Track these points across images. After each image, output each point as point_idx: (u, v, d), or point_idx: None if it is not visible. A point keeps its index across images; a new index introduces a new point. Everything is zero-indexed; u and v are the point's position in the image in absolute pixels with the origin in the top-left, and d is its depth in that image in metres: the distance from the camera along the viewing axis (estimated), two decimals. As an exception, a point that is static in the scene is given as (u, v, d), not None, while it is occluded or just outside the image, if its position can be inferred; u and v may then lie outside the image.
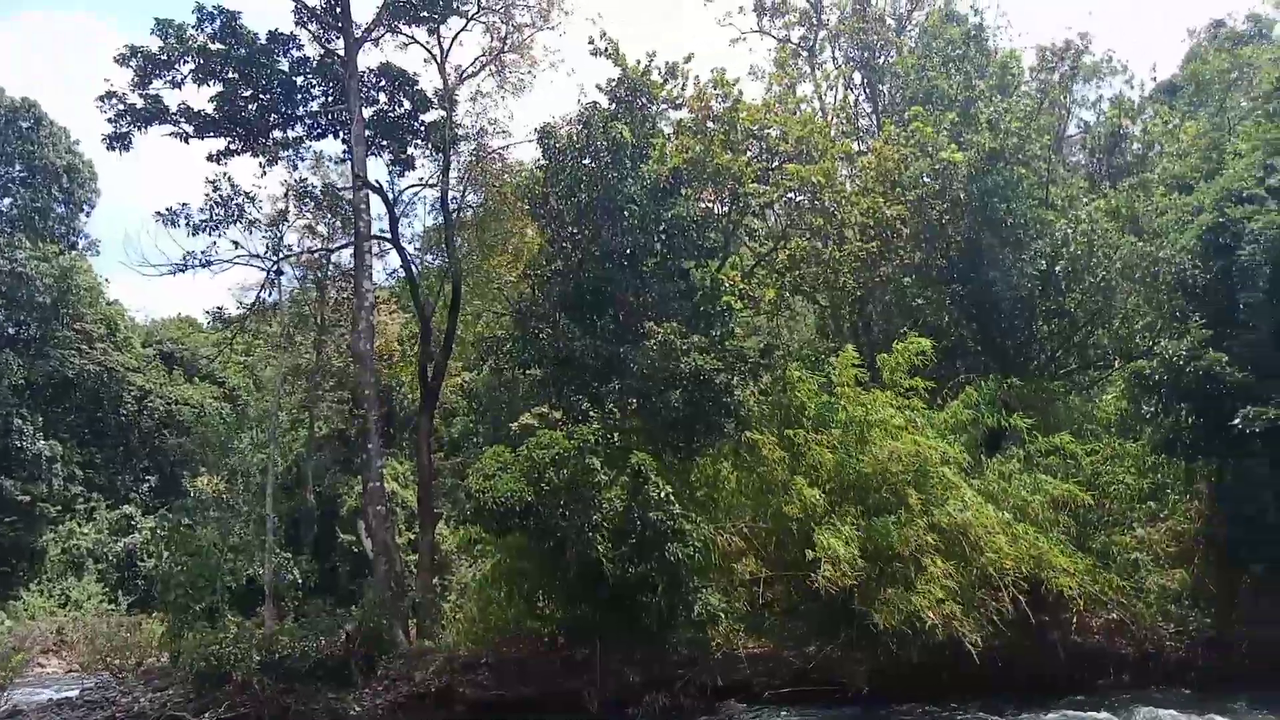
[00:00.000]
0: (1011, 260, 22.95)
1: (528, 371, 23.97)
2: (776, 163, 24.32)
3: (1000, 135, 22.88)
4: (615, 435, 20.40)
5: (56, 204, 51.18)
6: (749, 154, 24.08)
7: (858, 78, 30.91)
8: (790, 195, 24.41)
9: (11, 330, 47.87)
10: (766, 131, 24.47)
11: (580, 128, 23.37)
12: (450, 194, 29.01)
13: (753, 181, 23.19)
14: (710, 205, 24.51)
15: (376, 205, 28.77)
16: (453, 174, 29.25)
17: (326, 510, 41.12)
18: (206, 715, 20.10)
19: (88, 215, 53.03)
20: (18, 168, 50.20)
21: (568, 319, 21.59)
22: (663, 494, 18.13)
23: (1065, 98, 29.28)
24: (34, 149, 49.47)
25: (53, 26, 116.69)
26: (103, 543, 46.78)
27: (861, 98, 31.32)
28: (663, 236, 22.51)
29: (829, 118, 28.43)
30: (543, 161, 23.94)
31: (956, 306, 23.80)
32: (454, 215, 29.26)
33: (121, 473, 51.72)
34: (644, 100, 24.08)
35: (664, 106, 24.92)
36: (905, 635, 16.04)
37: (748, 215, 25.16)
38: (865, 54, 30.41)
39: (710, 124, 24.01)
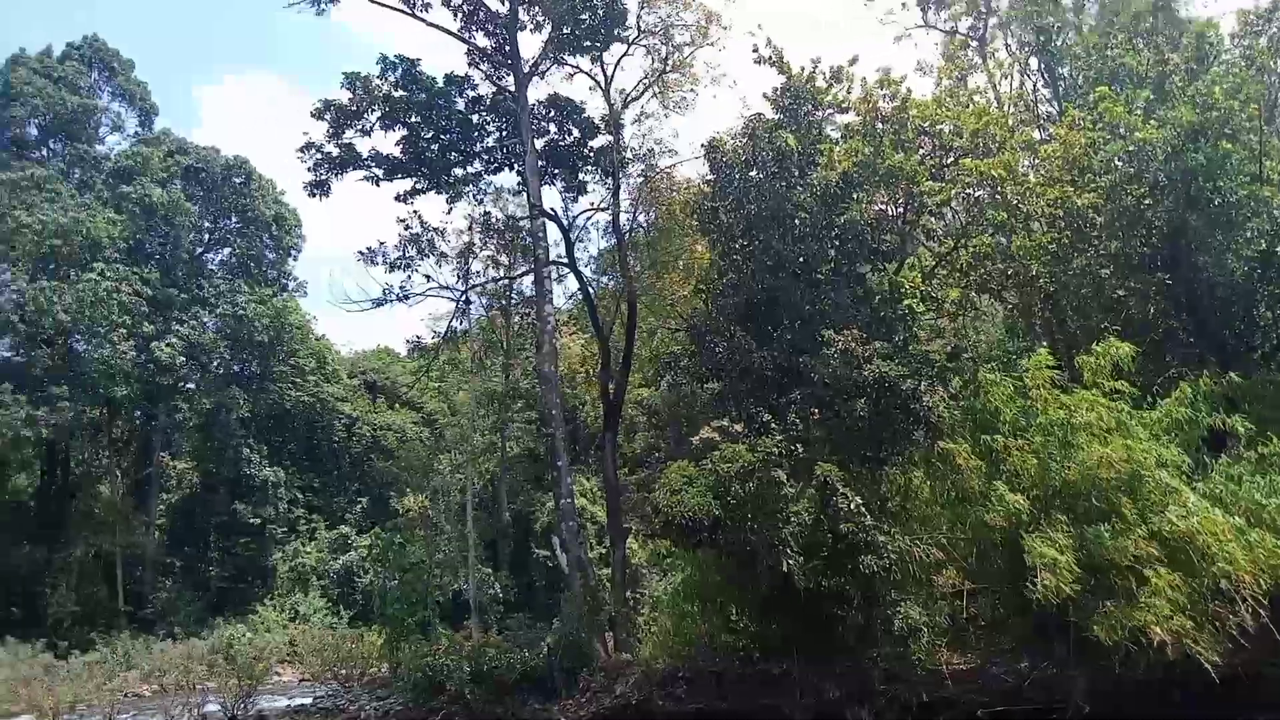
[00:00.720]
0: (1224, 243, 21.08)
1: (705, 385, 24.15)
2: (951, 159, 23.49)
3: (1201, 109, 21.13)
4: (799, 446, 20.23)
5: (268, 251, 55.99)
6: (921, 152, 23.37)
7: (1034, 63, 29.41)
8: (969, 191, 23.50)
9: (236, 368, 52.76)
10: (939, 128, 23.69)
11: (745, 140, 23.44)
12: (621, 215, 29.80)
13: (927, 180, 22.48)
14: (883, 207, 23.96)
15: (553, 232, 29.98)
16: (623, 196, 30.08)
17: (521, 527, 42.87)
18: (424, 723, 21.47)
19: (295, 259, 57.72)
20: (234, 220, 55.36)
21: (743, 331, 21.62)
22: (852, 505, 17.82)
23: (1276, 63, 26.66)
24: (247, 202, 54.37)
25: (250, 86, 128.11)
26: (324, 560, 50.68)
27: (1039, 84, 29.76)
28: (835, 243, 22.21)
29: (1005, 108, 27.20)
30: (710, 176, 24.16)
31: (1163, 297, 22.09)
32: (626, 236, 29.99)
33: (337, 495, 55.94)
34: (809, 107, 23.89)
35: (830, 111, 24.64)
36: (1129, 651, 15.01)
37: (924, 215, 24.40)
38: (1040, 38, 28.84)
39: (879, 125, 23.50)
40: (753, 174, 22.72)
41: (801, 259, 21.78)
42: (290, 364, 54.13)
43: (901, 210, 23.61)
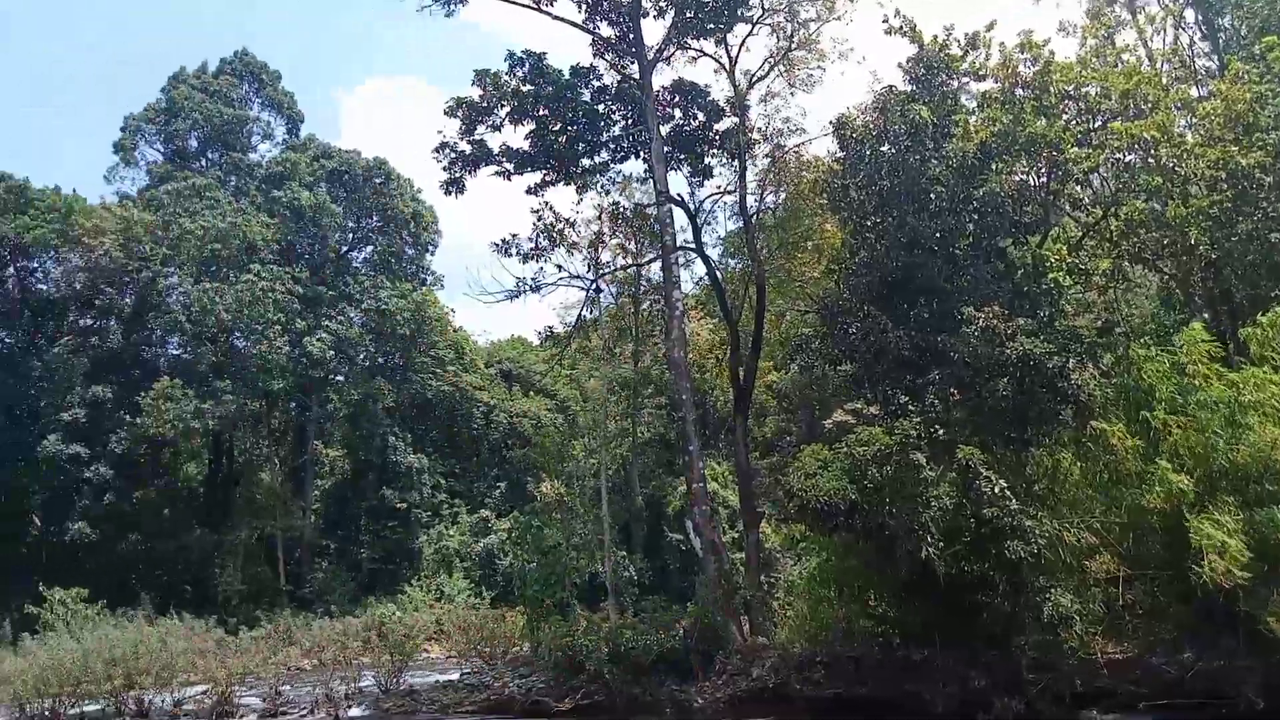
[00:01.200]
0: None
1: (838, 368, 23.73)
2: (1099, 123, 22.23)
3: (1389, 53, 19.29)
4: (938, 429, 19.63)
5: (407, 247, 58.25)
6: (1065, 118, 22.21)
7: (1189, 15, 27.40)
8: (1118, 156, 22.18)
9: (381, 360, 55.21)
10: (1084, 90, 22.44)
11: (876, 114, 22.83)
12: (748, 197, 29.51)
13: (1072, 146, 21.34)
14: (1025, 177, 22.91)
15: (680, 217, 29.99)
16: (750, 177, 29.76)
17: (654, 511, 43.31)
18: (566, 701, 21.96)
19: (432, 254, 59.86)
20: (375, 219, 57.88)
21: (877, 311, 21.10)
22: (996, 489, 17.16)
23: None
24: (387, 201, 56.73)
25: (387, 90, 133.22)
26: (466, 543, 52.60)
27: (1196, 37, 27.71)
28: (974, 216, 21.39)
29: (1158, 65, 25.49)
30: (839, 153, 23.67)
31: (1344, 259, 20.34)
32: (754, 218, 29.70)
33: (477, 481, 57.94)
34: (943, 76, 23.07)
35: (965, 80, 23.72)
36: (1309, 644, 13.96)
37: (1069, 183, 23.20)
38: (1197, -13, 26.91)
39: (1019, 91, 22.46)
40: (884, 149, 22.11)
41: (938, 234, 21.06)
42: (430, 355, 56.21)
43: (1044, 179, 22.54)
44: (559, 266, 30.83)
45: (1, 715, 24.13)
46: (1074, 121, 22.22)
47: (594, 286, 32.30)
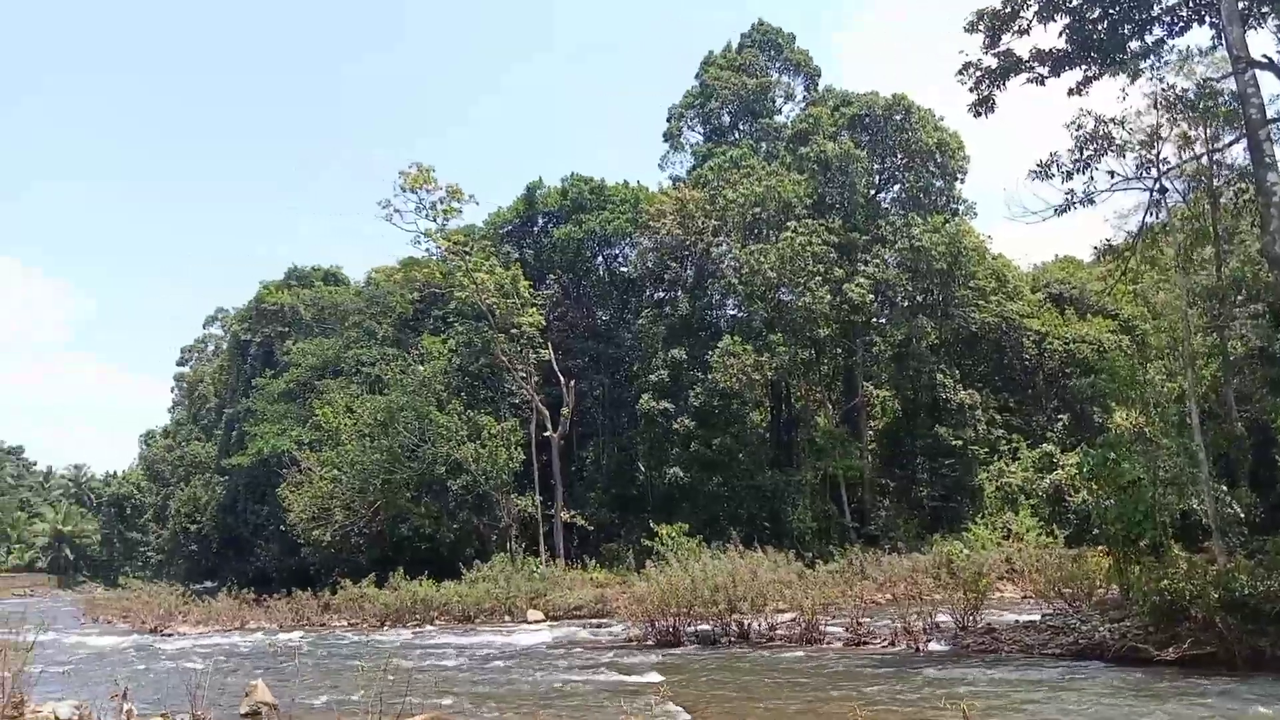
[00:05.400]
0: None
1: None
2: None
3: None
4: None
5: (934, 179, 56.76)
6: None
7: None
8: None
9: (919, 298, 54.76)
10: None
11: None
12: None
13: None
14: None
15: (1268, 85, 24.83)
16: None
17: (1259, 437, 36.93)
18: (1169, 650, 19.75)
19: (961, 182, 57.58)
20: (899, 157, 57.32)
21: None
22: None
23: None
24: (909, 136, 55.82)
25: (884, 21, 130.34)
26: (1030, 480, 50.14)
27: None
28: None
29: None
30: None
31: None
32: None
33: (1035, 414, 54.86)
34: None
35: None
36: None
37: None
38: None
39: None
40: None
41: None
42: (970, 287, 54.37)
43: None
44: (1110, 173, 27.46)
45: (638, 628, 28.97)
46: None
47: (1157, 186, 28.21)
